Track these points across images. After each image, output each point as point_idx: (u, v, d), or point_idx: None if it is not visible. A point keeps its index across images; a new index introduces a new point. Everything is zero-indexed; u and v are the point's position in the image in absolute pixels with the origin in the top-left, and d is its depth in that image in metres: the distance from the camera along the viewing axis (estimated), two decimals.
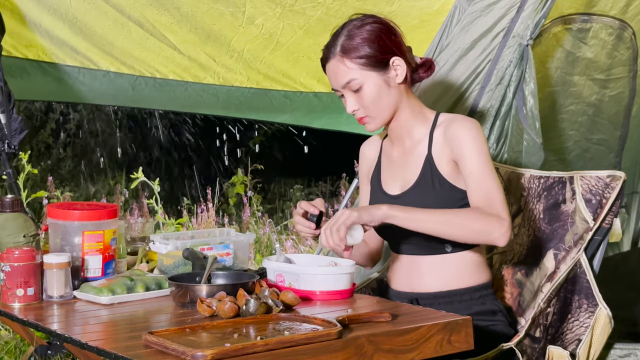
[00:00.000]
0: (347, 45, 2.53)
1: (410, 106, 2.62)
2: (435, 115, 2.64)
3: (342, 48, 2.54)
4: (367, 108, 2.56)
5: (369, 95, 2.55)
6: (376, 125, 2.61)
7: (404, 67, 2.56)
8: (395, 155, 2.69)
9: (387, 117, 2.60)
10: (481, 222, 2.43)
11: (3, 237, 2.61)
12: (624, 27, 3.58)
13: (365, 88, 2.54)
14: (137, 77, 3.86)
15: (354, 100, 2.56)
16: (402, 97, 2.60)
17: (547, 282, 2.65)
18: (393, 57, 2.55)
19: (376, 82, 2.54)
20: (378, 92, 2.55)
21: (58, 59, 3.68)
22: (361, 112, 2.58)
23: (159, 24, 3.58)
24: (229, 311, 2.16)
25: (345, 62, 2.53)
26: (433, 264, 2.60)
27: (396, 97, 2.58)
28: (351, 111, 2.58)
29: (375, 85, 2.54)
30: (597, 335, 2.56)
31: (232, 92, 4.08)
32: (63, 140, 8.38)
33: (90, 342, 2.01)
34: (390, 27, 2.59)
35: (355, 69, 2.53)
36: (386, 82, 2.55)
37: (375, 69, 2.54)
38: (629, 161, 3.99)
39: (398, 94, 2.58)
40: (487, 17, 3.24)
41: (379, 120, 2.59)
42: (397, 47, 2.57)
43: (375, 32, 2.55)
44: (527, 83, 3.16)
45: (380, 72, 2.54)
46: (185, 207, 6.88)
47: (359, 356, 2.00)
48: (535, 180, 2.82)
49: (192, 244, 2.66)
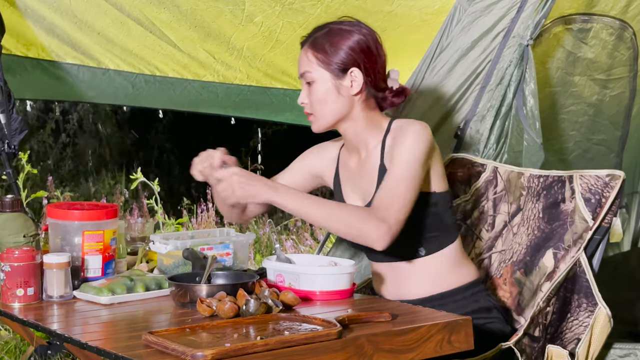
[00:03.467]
0: (318, 40, 2.57)
1: (365, 119, 2.60)
2: (389, 122, 2.62)
3: (313, 40, 2.58)
4: (313, 106, 2.58)
5: (316, 94, 2.56)
6: (318, 127, 2.61)
7: (360, 81, 2.55)
8: (353, 166, 2.69)
9: (330, 123, 2.60)
10: (361, 223, 2.40)
11: (3, 237, 2.61)
12: (625, 27, 3.58)
13: (315, 85, 2.56)
14: (136, 74, 3.87)
15: (305, 93, 2.59)
16: (353, 109, 2.58)
17: (547, 281, 2.65)
18: (353, 68, 2.54)
19: (327, 83, 2.55)
20: (325, 94, 2.56)
21: (58, 57, 3.69)
22: (308, 107, 2.60)
23: (159, 21, 3.59)
24: (229, 311, 2.16)
25: (308, 54, 2.57)
26: (413, 269, 2.59)
27: (344, 107, 2.57)
28: (300, 102, 2.61)
29: (325, 86, 2.55)
30: (596, 334, 2.56)
31: (231, 90, 4.08)
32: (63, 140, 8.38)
33: (90, 342, 2.01)
34: (370, 45, 2.56)
35: (313, 63, 2.55)
36: (337, 87, 2.55)
37: (330, 71, 2.54)
38: (629, 161, 3.99)
39: (348, 104, 2.57)
40: (487, 17, 3.24)
41: (321, 122, 2.60)
42: (364, 63, 2.55)
43: (349, 40, 2.55)
44: (527, 83, 3.16)
45: (335, 76, 2.55)
46: (185, 207, 6.87)
47: (359, 356, 2.01)
48: (535, 180, 2.82)
49: (192, 244, 2.66)
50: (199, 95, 4.09)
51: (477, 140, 3.22)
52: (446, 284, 2.59)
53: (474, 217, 2.95)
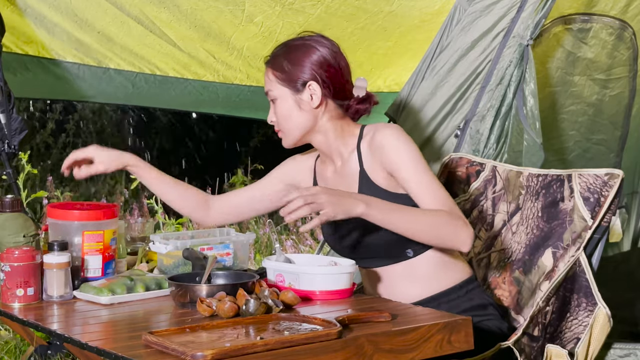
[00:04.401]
0: (275, 58, 2.61)
1: (333, 129, 2.62)
2: (361, 128, 2.63)
3: (272, 58, 2.63)
4: (279, 123, 2.62)
5: (279, 111, 2.60)
6: (287, 142, 2.64)
7: (319, 94, 2.56)
8: (330, 176, 2.69)
9: (297, 137, 2.62)
10: (450, 226, 2.44)
11: (3, 237, 2.61)
12: (624, 27, 3.59)
13: (278, 102, 2.60)
14: (137, 73, 3.87)
15: (272, 111, 2.63)
16: (318, 121, 2.60)
17: (546, 281, 2.65)
18: (311, 82, 2.56)
19: (288, 100, 2.58)
20: (288, 110, 2.59)
21: (58, 56, 3.69)
22: (276, 125, 2.64)
23: (159, 20, 3.59)
24: (228, 311, 2.16)
25: (269, 73, 2.61)
26: (402, 272, 2.58)
27: (308, 120, 2.59)
28: (269, 120, 2.65)
29: (287, 103, 2.59)
30: (595, 334, 2.56)
31: (231, 90, 4.08)
32: (63, 140, 8.37)
33: (90, 342, 2.01)
34: (327, 57, 2.57)
35: (273, 81, 2.60)
36: (297, 103, 2.58)
37: (290, 88, 2.57)
38: (629, 161, 3.99)
39: (311, 118, 2.59)
40: (487, 17, 3.24)
41: (289, 137, 2.63)
42: (322, 76, 2.56)
43: (306, 55, 2.57)
44: (527, 83, 3.16)
45: (294, 92, 2.57)
46: None
47: (359, 356, 2.01)
48: (534, 179, 2.82)
49: (192, 244, 2.66)
50: (199, 95, 4.09)
51: (477, 140, 3.22)
52: (438, 284, 2.58)
53: (473, 217, 2.95)
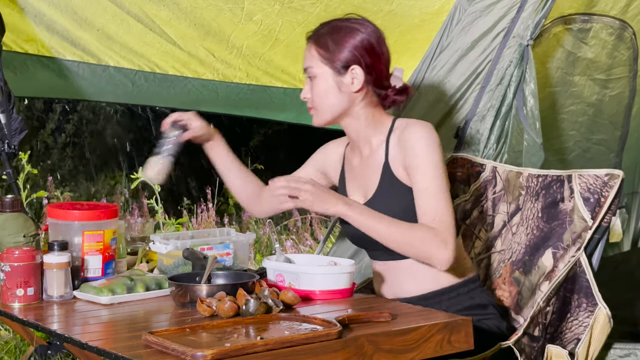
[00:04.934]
0: (322, 36, 2.60)
1: (366, 116, 2.62)
2: (393, 120, 2.64)
3: (316, 35, 2.61)
4: (314, 101, 2.62)
5: (317, 89, 2.60)
6: (319, 121, 2.65)
7: (361, 79, 2.57)
8: (356, 164, 2.71)
9: (330, 118, 2.63)
10: (428, 247, 2.46)
11: (3, 237, 2.61)
12: (624, 27, 3.59)
13: (317, 80, 2.60)
14: (136, 71, 3.86)
15: (308, 88, 2.63)
16: (354, 106, 2.60)
17: (546, 281, 2.65)
18: (354, 66, 2.56)
19: (328, 79, 2.58)
20: (326, 90, 2.59)
21: (57, 54, 3.69)
22: (310, 101, 2.64)
23: (158, 18, 3.59)
24: (228, 311, 2.16)
25: (312, 49, 2.60)
26: (408, 267, 2.59)
27: (344, 103, 2.60)
28: (303, 97, 2.65)
29: (326, 82, 2.59)
30: (596, 334, 2.56)
31: (231, 89, 4.08)
32: (63, 140, 8.37)
33: (90, 342, 2.01)
34: (373, 43, 2.58)
35: (316, 58, 2.59)
36: (338, 84, 2.58)
37: (332, 68, 2.57)
38: (629, 161, 3.99)
39: (348, 101, 2.60)
40: (487, 17, 3.24)
41: (322, 117, 2.63)
42: (366, 61, 2.57)
43: (352, 37, 2.57)
44: (527, 83, 3.16)
45: (336, 73, 2.57)
46: (185, 207, 6.87)
47: (359, 356, 2.01)
48: (534, 179, 2.82)
49: (192, 244, 2.66)
50: (199, 94, 4.08)
51: (477, 140, 3.22)
52: (444, 281, 2.59)
53: (473, 217, 2.95)
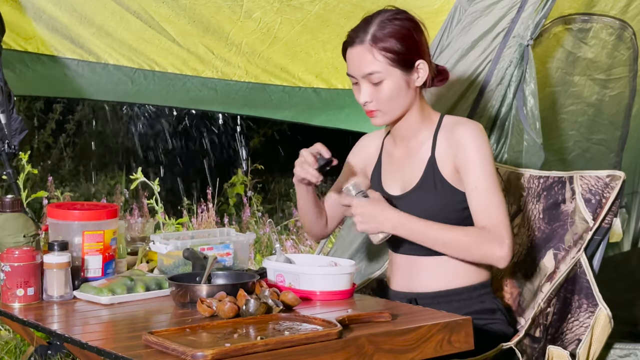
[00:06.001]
0: (379, 36, 2.49)
1: (420, 108, 2.61)
2: (440, 117, 2.63)
3: (373, 37, 2.49)
4: (381, 103, 2.53)
5: (387, 92, 2.52)
6: (384, 120, 2.58)
7: (426, 70, 2.54)
8: (398, 155, 2.68)
9: (397, 116, 2.58)
10: (484, 248, 2.46)
11: (3, 237, 2.61)
12: (624, 27, 3.58)
13: (386, 84, 2.51)
14: (136, 69, 3.86)
15: (369, 92, 2.53)
16: (415, 99, 2.58)
17: (547, 282, 2.65)
18: (419, 60, 2.53)
19: (398, 80, 2.52)
20: (397, 91, 2.52)
21: (57, 52, 3.68)
22: (373, 105, 2.54)
23: (158, 15, 3.59)
24: (229, 311, 2.16)
25: (374, 53, 2.49)
26: (432, 264, 2.59)
27: (411, 99, 2.57)
28: (363, 102, 2.55)
29: (396, 84, 2.52)
30: (597, 335, 2.56)
31: (230, 87, 4.07)
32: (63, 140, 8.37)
33: (90, 342, 2.01)
34: (419, 27, 2.56)
35: (382, 62, 2.49)
36: (407, 82, 2.53)
37: (401, 68, 2.51)
38: (629, 161, 3.99)
39: (413, 96, 2.57)
40: (487, 17, 3.24)
41: (388, 117, 2.57)
42: (423, 49, 2.55)
43: (406, 29, 2.52)
44: (527, 83, 3.16)
45: (405, 71, 2.52)
46: (185, 207, 6.87)
47: (359, 356, 2.01)
48: (535, 180, 2.82)
49: (192, 244, 2.66)
50: (198, 92, 4.08)
51: None
52: (458, 282, 2.58)
53: None
